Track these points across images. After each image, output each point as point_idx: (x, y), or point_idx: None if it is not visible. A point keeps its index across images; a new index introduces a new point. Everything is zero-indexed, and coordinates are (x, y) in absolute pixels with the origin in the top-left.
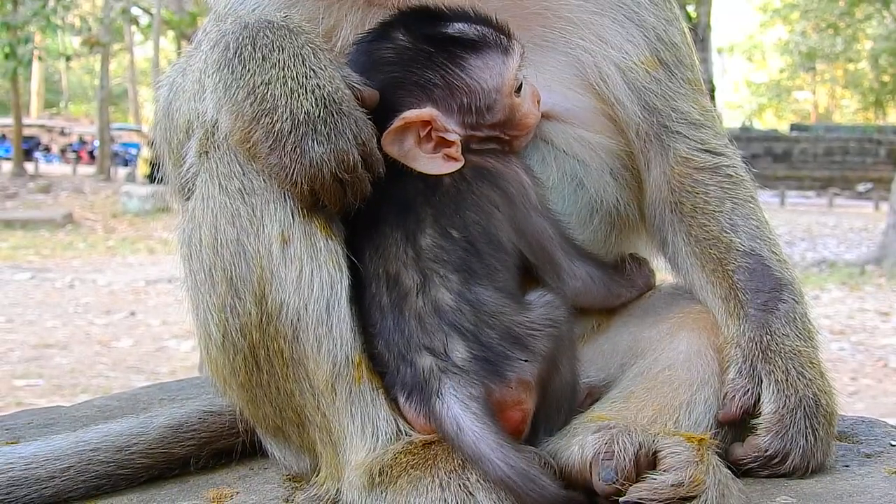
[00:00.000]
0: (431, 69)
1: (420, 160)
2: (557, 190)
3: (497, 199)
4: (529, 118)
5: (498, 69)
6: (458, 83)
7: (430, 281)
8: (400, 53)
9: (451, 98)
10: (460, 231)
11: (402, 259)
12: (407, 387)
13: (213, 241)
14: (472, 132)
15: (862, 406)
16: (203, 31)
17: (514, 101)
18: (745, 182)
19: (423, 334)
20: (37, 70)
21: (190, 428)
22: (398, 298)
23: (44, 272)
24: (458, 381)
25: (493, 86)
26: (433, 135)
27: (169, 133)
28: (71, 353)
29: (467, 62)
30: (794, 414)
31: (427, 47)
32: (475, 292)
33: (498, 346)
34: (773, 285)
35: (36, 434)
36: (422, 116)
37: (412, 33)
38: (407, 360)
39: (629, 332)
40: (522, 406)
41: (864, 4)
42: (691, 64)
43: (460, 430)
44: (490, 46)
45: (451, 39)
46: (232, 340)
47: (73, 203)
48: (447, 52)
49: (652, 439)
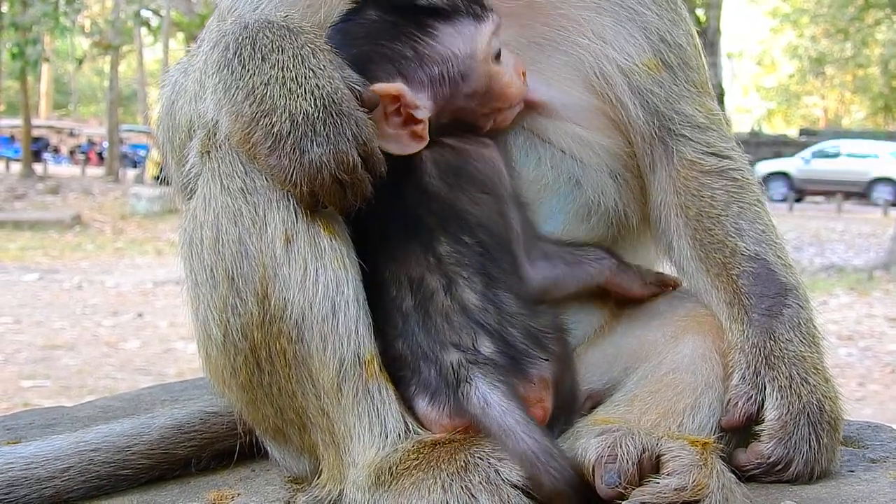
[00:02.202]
0: (400, 40)
1: (383, 136)
2: (553, 189)
3: (484, 197)
4: (512, 88)
5: (470, 34)
6: (428, 52)
7: (455, 283)
8: (368, 27)
9: (422, 69)
10: (470, 236)
11: (424, 265)
12: (430, 387)
13: (215, 241)
14: (446, 104)
15: (870, 412)
16: (207, 28)
17: (493, 69)
18: (751, 185)
19: (451, 331)
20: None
21: (191, 429)
22: (423, 300)
23: (52, 273)
24: (486, 370)
25: (466, 51)
26: (402, 110)
27: (171, 132)
28: (78, 354)
29: (437, 30)
30: (798, 420)
31: (395, 18)
32: (497, 294)
33: (521, 344)
34: (778, 290)
35: (37, 434)
36: (389, 90)
37: (381, 6)
38: (431, 359)
39: (633, 336)
40: (543, 403)
41: (874, 10)
42: (697, 66)
43: (487, 404)
44: (461, 13)
45: (420, 9)
46: (233, 341)
47: (81, 204)
48: (416, 22)
49: (655, 443)
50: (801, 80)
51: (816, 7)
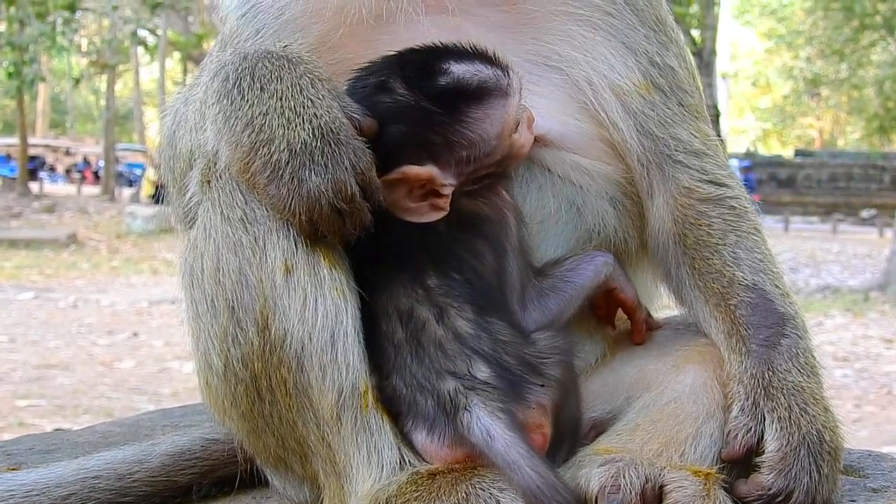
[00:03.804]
0: (432, 129)
1: (405, 209)
2: (555, 217)
3: (485, 248)
4: (525, 148)
5: (498, 116)
6: (459, 139)
7: (447, 312)
8: (399, 108)
9: (451, 153)
10: (460, 273)
11: (413, 297)
12: (429, 418)
13: (216, 271)
14: (469, 176)
15: (866, 433)
16: (208, 57)
17: (514, 139)
18: (748, 213)
19: (445, 360)
20: (43, 90)
21: (192, 456)
22: (415, 331)
23: (47, 292)
24: (485, 396)
25: (493, 134)
26: (427, 187)
27: (172, 162)
28: (73, 373)
29: (468, 115)
30: (798, 451)
31: (427, 105)
32: (488, 321)
33: (517, 370)
34: (776, 320)
35: (38, 460)
36: (421, 175)
37: (411, 87)
38: (427, 389)
39: (634, 365)
40: (543, 430)
41: (870, 31)
42: (691, 90)
43: (491, 437)
44: (489, 92)
45: (451, 93)
46: (233, 370)
47: (77, 223)
48: (447, 108)
49: (658, 473)
50: (797, 101)
51: (812, 28)
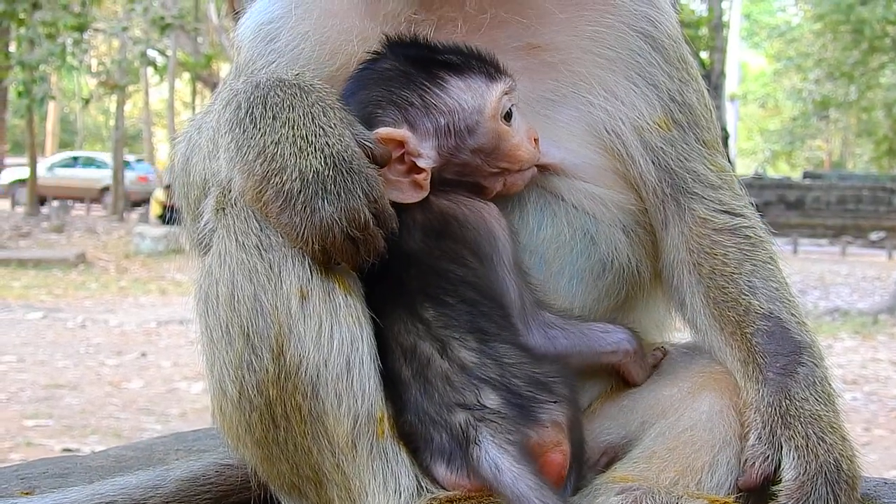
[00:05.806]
0: (409, 88)
1: (385, 181)
2: (569, 246)
3: (467, 254)
4: (521, 151)
5: (480, 90)
6: (436, 101)
7: (449, 345)
8: (381, 74)
9: (428, 118)
10: (454, 296)
11: (413, 332)
12: (445, 452)
13: (231, 298)
14: (451, 157)
15: (875, 457)
16: (221, 84)
17: (501, 128)
18: (763, 243)
19: (453, 392)
20: (52, 110)
21: (207, 481)
22: (420, 368)
23: (56, 312)
24: (494, 428)
25: (474, 105)
26: (405, 158)
27: (186, 188)
28: (82, 393)
29: (447, 82)
30: (815, 480)
31: (409, 69)
32: (493, 347)
33: (526, 391)
34: (793, 348)
35: (51, 484)
36: (393, 136)
37: (397, 57)
38: (439, 423)
39: (649, 390)
40: (562, 447)
41: (879, 54)
42: (707, 125)
43: (499, 470)
44: (474, 70)
45: (434, 62)
46: (248, 397)
47: (86, 243)
48: (427, 73)
49: (675, 502)
50: (806, 124)
51: (821, 51)
